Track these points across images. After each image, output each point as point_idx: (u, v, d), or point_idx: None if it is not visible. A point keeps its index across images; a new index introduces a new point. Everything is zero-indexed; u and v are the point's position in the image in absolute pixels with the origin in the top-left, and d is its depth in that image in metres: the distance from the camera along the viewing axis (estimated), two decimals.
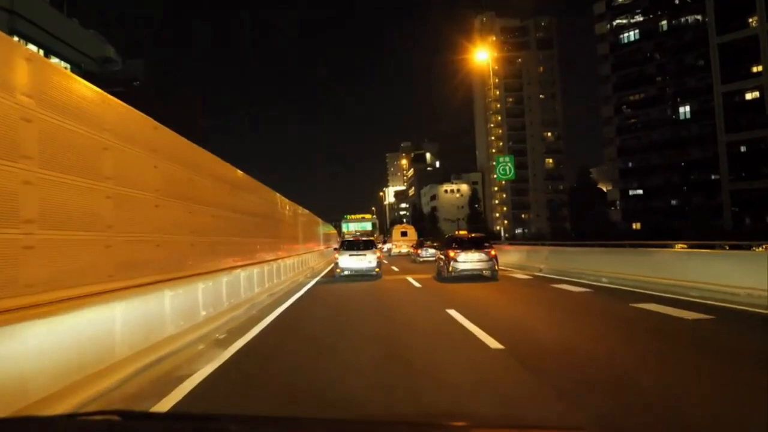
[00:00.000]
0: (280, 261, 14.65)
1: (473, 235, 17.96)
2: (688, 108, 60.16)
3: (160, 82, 53.67)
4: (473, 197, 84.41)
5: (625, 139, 65.72)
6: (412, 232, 42.68)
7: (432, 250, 27.53)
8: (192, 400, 4.24)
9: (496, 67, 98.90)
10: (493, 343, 6.16)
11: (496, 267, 15.26)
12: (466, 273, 15.01)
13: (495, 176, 24.68)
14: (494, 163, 23.48)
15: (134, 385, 4.68)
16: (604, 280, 13.08)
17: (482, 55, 24.99)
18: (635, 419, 3.64)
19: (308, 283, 16.36)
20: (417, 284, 14.72)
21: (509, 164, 23.93)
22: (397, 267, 23.36)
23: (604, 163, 72.37)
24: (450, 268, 15.14)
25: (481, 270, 15.08)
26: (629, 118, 65.77)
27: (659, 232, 42.77)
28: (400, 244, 39.83)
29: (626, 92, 65.68)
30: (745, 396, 4.10)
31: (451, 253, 15.22)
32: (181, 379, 4.89)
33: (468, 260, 15.01)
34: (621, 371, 4.91)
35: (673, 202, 60.92)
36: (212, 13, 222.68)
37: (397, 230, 45.12)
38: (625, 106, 66.25)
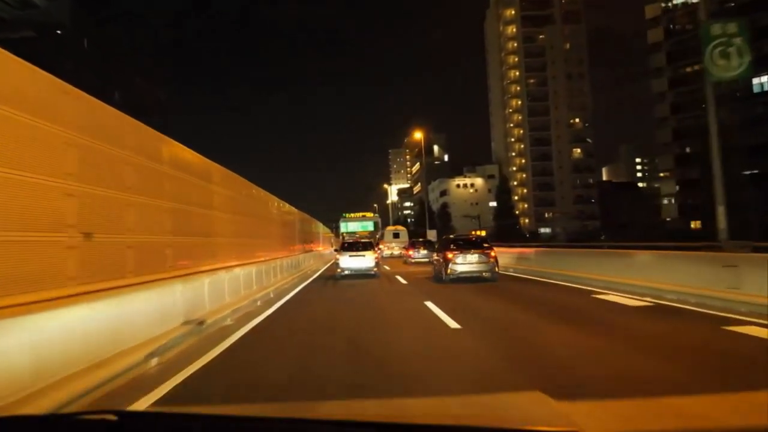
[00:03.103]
0: None
1: (473, 234, 18.23)
2: (765, 78, 48.69)
3: (100, 36, 42.37)
4: (501, 188, 71.58)
5: (682, 119, 54.16)
6: (404, 234, 42.77)
7: (424, 251, 27.88)
8: None
9: (516, 45, 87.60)
10: None
11: (497, 269, 15.04)
12: (464, 275, 14.66)
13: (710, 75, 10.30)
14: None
15: None
16: None
17: None
18: None
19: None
20: None
21: (738, 42, 11.61)
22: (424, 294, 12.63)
23: (651, 148, 60.77)
24: (448, 271, 14.72)
25: (480, 272, 14.66)
26: (688, 94, 54.09)
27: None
28: (393, 245, 39.71)
29: (683, 62, 54.16)
30: None
31: (449, 255, 14.87)
32: None
33: (467, 262, 14.67)
34: None
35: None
36: (209, 11, 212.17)
37: (388, 232, 44.10)
38: (682, 80, 54.64)
